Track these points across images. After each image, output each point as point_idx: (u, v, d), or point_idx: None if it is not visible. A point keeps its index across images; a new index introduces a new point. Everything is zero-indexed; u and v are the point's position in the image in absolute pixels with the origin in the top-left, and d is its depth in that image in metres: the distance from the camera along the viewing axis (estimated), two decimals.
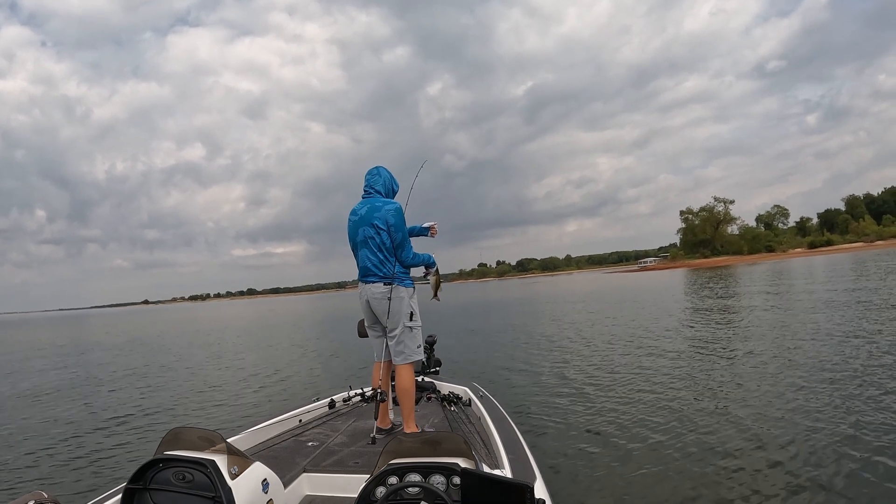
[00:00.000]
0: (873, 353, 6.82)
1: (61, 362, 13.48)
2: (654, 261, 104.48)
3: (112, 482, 3.65)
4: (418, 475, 1.60)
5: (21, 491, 3.94)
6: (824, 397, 5.10)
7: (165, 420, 6.32)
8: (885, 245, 66.03)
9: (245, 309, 65.39)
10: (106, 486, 2.53)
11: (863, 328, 8.74)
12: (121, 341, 19.94)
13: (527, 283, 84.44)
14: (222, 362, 11.29)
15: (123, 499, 1.73)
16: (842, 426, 4.26)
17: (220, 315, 47.17)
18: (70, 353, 16.37)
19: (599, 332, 12.04)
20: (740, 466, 3.67)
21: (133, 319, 50.82)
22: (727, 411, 5.01)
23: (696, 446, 4.14)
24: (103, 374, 10.30)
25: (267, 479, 1.83)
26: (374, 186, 3.01)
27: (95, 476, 4.36)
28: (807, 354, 7.22)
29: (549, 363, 8.45)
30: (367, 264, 2.93)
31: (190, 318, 45.17)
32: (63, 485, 4.18)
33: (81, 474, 4.44)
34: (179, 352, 14.21)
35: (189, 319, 41.17)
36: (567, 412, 5.41)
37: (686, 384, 6.27)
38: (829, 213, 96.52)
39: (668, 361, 7.74)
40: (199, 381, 8.96)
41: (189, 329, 26.96)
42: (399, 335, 2.93)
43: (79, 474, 4.45)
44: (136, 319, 50.39)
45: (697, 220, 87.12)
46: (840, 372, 6.00)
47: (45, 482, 4.28)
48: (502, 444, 2.43)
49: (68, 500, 2.17)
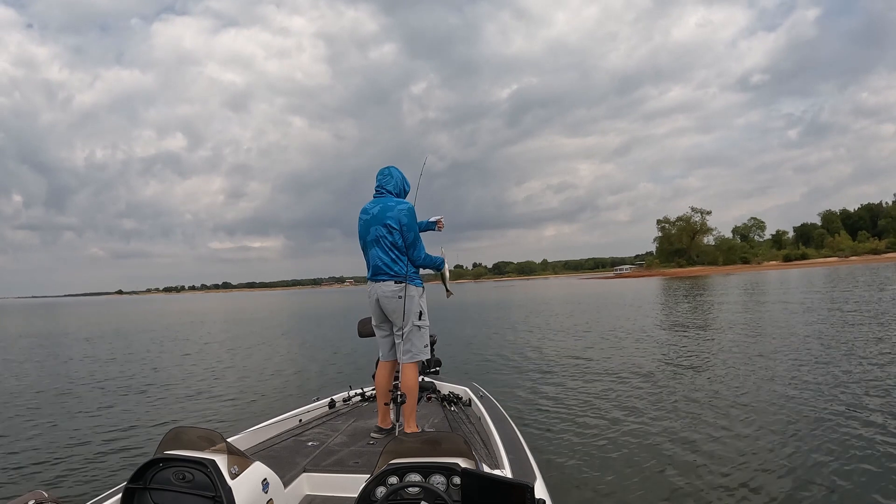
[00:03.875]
0: (848, 356, 6.90)
1: (51, 354, 13.47)
2: (629, 268, 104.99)
3: (112, 482, 3.65)
4: (418, 475, 1.60)
5: (21, 491, 3.94)
6: (818, 393, 5.14)
7: (165, 420, 6.32)
8: (859, 260, 67.05)
9: (224, 303, 64.54)
10: (106, 486, 2.53)
11: (833, 335, 9.10)
12: (109, 335, 19.84)
13: (502, 286, 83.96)
14: (220, 360, 11.29)
15: (123, 498, 1.73)
16: (838, 423, 4.28)
17: (201, 308, 46.47)
18: (59, 344, 16.32)
19: (598, 334, 12.04)
20: (740, 467, 3.68)
21: (111, 310, 49.97)
22: (727, 412, 5.02)
23: (695, 446, 4.15)
24: (98, 372, 10.30)
25: (267, 478, 1.83)
26: (386, 186, 3.02)
27: (95, 476, 4.36)
28: (793, 357, 7.30)
29: (548, 363, 8.45)
30: (378, 263, 2.93)
31: (168, 310, 44.54)
32: (63, 485, 4.17)
33: (81, 474, 4.44)
34: (173, 348, 14.20)
35: (169, 312, 40.69)
36: (567, 412, 5.41)
37: (686, 385, 6.28)
38: (805, 228, 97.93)
39: (668, 363, 7.75)
40: (198, 381, 8.96)
41: (173, 322, 26.89)
42: (408, 334, 2.94)
43: (79, 474, 4.44)
44: (114, 310, 49.56)
45: (674, 230, 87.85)
46: (822, 374, 6.04)
47: (45, 482, 4.28)
48: (502, 444, 2.43)
49: (68, 500, 2.17)
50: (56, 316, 40.54)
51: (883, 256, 70.28)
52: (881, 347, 7.75)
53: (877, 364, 6.61)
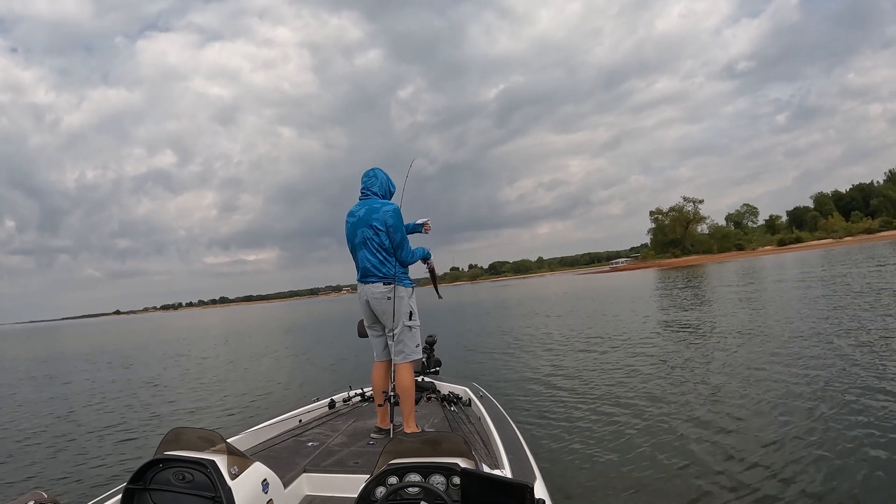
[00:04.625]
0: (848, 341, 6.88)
1: (52, 370, 13.50)
2: (625, 261, 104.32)
3: (112, 482, 3.65)
4: (418, 475, 1.60)
5: (21, 491, 3.95)
6: (817, 388, 5.13)
7: (165, 420, 6.32)
8: (853, 241, 66.00)
9: (223, 317, 64.00)
10: (106, 486, 2.53)
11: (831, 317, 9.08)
12: (109, 349, 19.91)
13: (497, 286, 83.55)
14: (220, 365, 11.29)
15: (123, 499, 1.73)
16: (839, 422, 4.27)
17: (200, 323, 46.40)
18: (61, 360, 16.37)
19: (596, 332, 12.04)
20: (738, 466, 3.67)
21: (111, 329, 50.07)
22: (728, 410, 5.01)
23: (695, 446, 4.14)
24: (101, 379, 10.30)
25: (267, 479, 1.83)
26: (371, 188, 3.03)
27: (95, 476, 4.36)
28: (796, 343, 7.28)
29: (548, 364, 8.45)
30: (366, 265, 2.94)
31: (168, 326, 44.58)
32: (63, 485, 4.18)
33: (81, 474, 4.44)
34: (172, 358, 14.19)
35: (168, 328, 40.66)
36: (567, 412, 5.41)
37: (685, 384, 6.27)
38: (799, 211, 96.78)
39: (667, 361, 7.74)
40: (198, 383, 8.96)
41: (172, 337, 26.84)
42: (399, 334, 2.95)
43: (79, 474, 4.44)
44: (114, 329, 49.69)
45: (667, 220, 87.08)
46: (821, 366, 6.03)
47: (45, 482, 4.28)
48: (502, 444, 2.43)
49: (68, 500, 2.17)
50: (55, 339, 40.34)
51: (877, 235, 69.47)
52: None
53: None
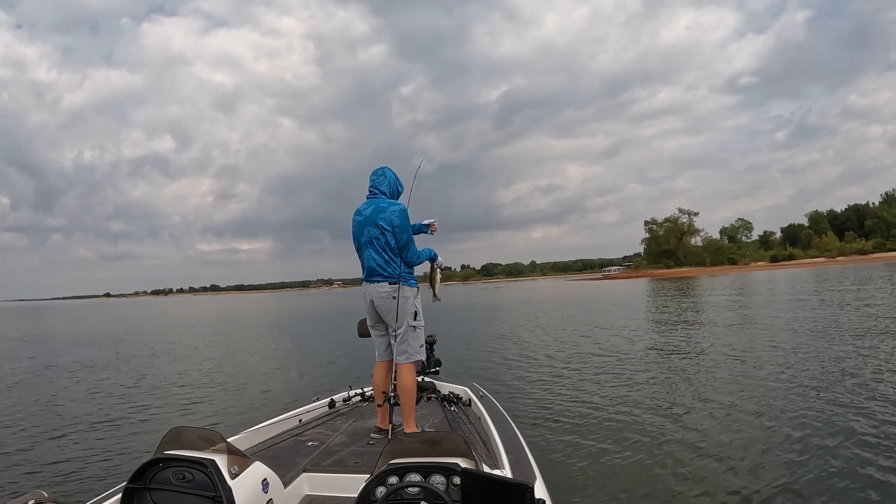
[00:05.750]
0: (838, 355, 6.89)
1: (51, 355, 13.46)
2: (617, 269, 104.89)
3: (112, 482, 3.65)
4: (418, 475, 1.60)
5: (21, 491, 3.94)
6: (810, 393, 5.13)
7: (165, 419, 6.32)
8: (846, 261, 66.85)
9: (215, 305, 63.82)
10: (106, 486, 2.53)
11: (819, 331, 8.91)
12: (108, 335, 19.85)
13: (491, 287, 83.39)
14: (218, 361, 11.28)
15: (123, 498, 1.73)
16: (833, 422, 4.28)
17: (193, 311, 45.98)
18: (57, 345, 16.32)
19: (594, 335, 12.05)
20: (741, 466, 3.68)
21: (104, 312, 49.70)
22: (725, 409, 5.02)
23: (695, 446, 4.15)
24: (97, 372, 10.29)
25: (267, 478, 1.83)
26: (379, 187, 3.02)
27: (95, 476, 4.36)
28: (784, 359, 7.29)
29: (548, 365, 8.45)
30: (372, 264, 2.94)
31: (160, 312, 44.23)
32: (63, 485, 4.17)
33: (81, 474, 4.44)
34: (172, 350, 14.18)
35: (161, 314, 40.48)
36: (567, 412, 5.41)
37: (684, 386, 6.28)
38: (793, 228, 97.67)
39: (665, 363, 7.75)
40: (197, 382, 8.95)
41: (167, 323, 26.84)
42: (403, 334, 2.95)
43: (79, 474, 4.44)
44: (107, 313, 49.24)
45: (662, 231, 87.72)
46: (809, 374, 6.04)
47: (45, 482, 4.28)
48: (502, 444, 2.43)
49: (68, 500, 2.17)
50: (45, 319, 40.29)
51: (870, 257, 70.22)
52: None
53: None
